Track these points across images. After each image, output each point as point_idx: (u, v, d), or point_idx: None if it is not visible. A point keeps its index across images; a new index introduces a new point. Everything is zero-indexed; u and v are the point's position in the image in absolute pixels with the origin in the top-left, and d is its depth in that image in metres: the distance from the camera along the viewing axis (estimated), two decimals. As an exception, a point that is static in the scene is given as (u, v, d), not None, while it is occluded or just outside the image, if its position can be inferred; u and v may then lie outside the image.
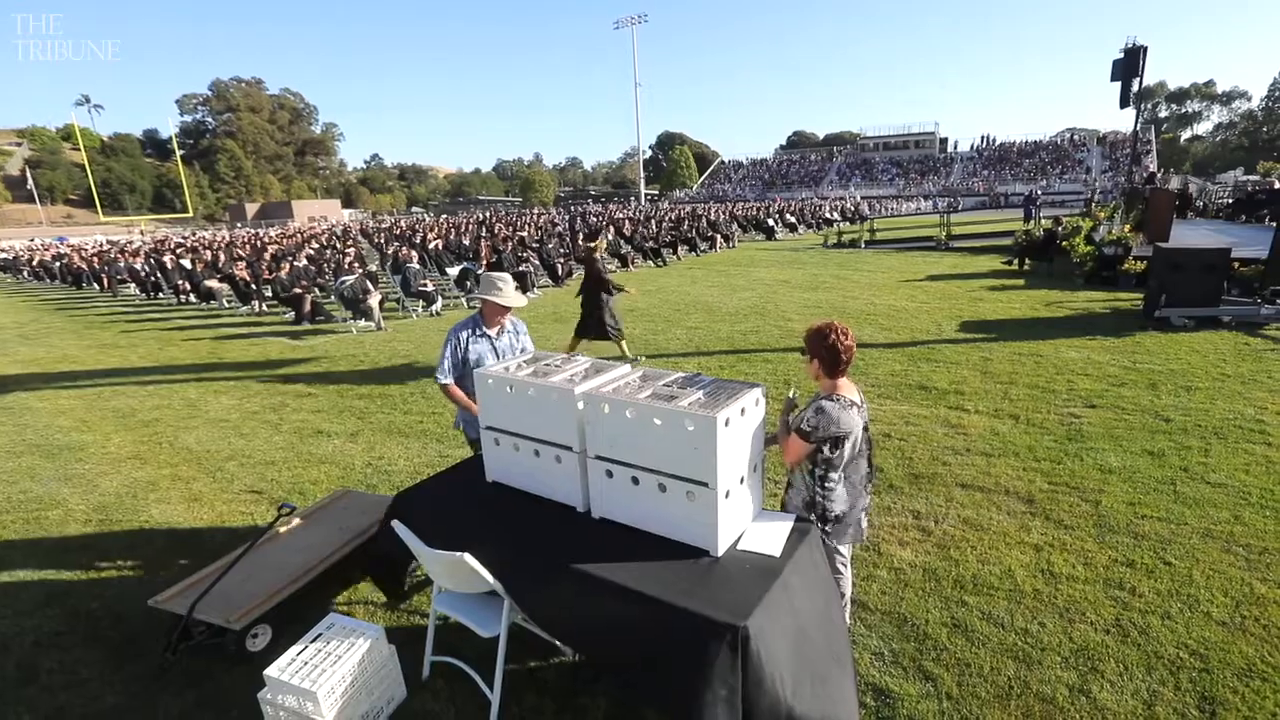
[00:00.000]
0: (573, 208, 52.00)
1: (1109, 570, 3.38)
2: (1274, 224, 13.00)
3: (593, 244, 8.57)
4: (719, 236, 23.06)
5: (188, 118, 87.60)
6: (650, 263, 18.66)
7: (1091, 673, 2.69)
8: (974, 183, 62.06)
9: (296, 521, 3.68)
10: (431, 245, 17.27)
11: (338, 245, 22.60)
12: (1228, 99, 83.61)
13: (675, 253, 20.23)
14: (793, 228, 29.80)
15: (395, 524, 2.71)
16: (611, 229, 20.93)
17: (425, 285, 12.37)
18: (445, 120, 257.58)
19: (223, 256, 18.25)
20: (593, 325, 7.82)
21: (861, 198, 50.12)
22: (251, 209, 74.64)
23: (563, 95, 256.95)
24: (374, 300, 10.96)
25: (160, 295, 16.54)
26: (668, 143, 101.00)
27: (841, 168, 77.43)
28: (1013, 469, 4.58)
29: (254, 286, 13.54)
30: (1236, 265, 9.52)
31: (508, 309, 3.50)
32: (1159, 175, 24.66)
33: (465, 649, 2.81)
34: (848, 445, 2.53)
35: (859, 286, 13.24)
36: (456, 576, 2.51)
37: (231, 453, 5.57)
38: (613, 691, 2.64)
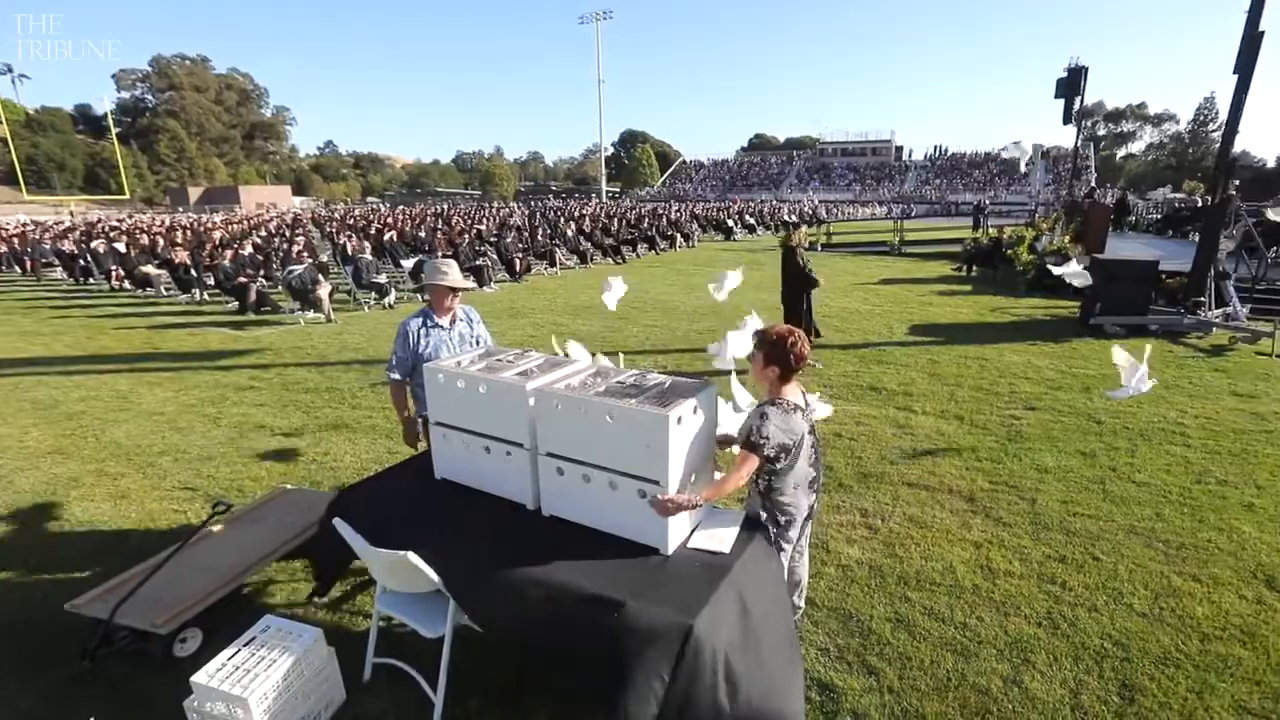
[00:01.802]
0: (532, 202, 51.44)
1: (1043, 566, 3.53)
2: (1196, 239, 13.81)
3: (792, 236, 7.83)
4: (679, 235, 23.17)
5: (125, 94, 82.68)
6: (610, 260, 18.61)
7: (1024, 664, 2.79)
8: (927, 191, 64.12)
9: (232, 520, 3.52)
10: (386, 237, 16.80)
11: (287, 233, 21.79)
12: (1158, 120, 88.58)
13: (635, 250, 20.25)
14: (751, 229, 30.18)
15: (337, 522, 2.62)
16: (571, 225, 20.78)
17: (378, 277, 12.04)
18: (404, 109, 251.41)
19: (161, 241, 17.35)
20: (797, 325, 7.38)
21: (820, 201, 51.11)
22: (195, 193, 70.99)
23: (525, 89, 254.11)
24: (323, 291, 10.60)
25: (90, 281, 15.62)
26: (630, 141, 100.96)
27: (801, 171, 78.90)
28: (956, 468, 4.73)
29: (195, 274, 12.92)
30: (1164, 277, 10.08)
31: (456, 293, 3.42)
32: (1097, 191, 25.95)
33: (409, 650, 2.74)
34: (795, 451, 2.47)
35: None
36: (400, 576, 2.44)
37: (165, 448, 5.30)
38: (559, 688, 2.61)
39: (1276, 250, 12.74)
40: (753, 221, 31.01)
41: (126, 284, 14.49)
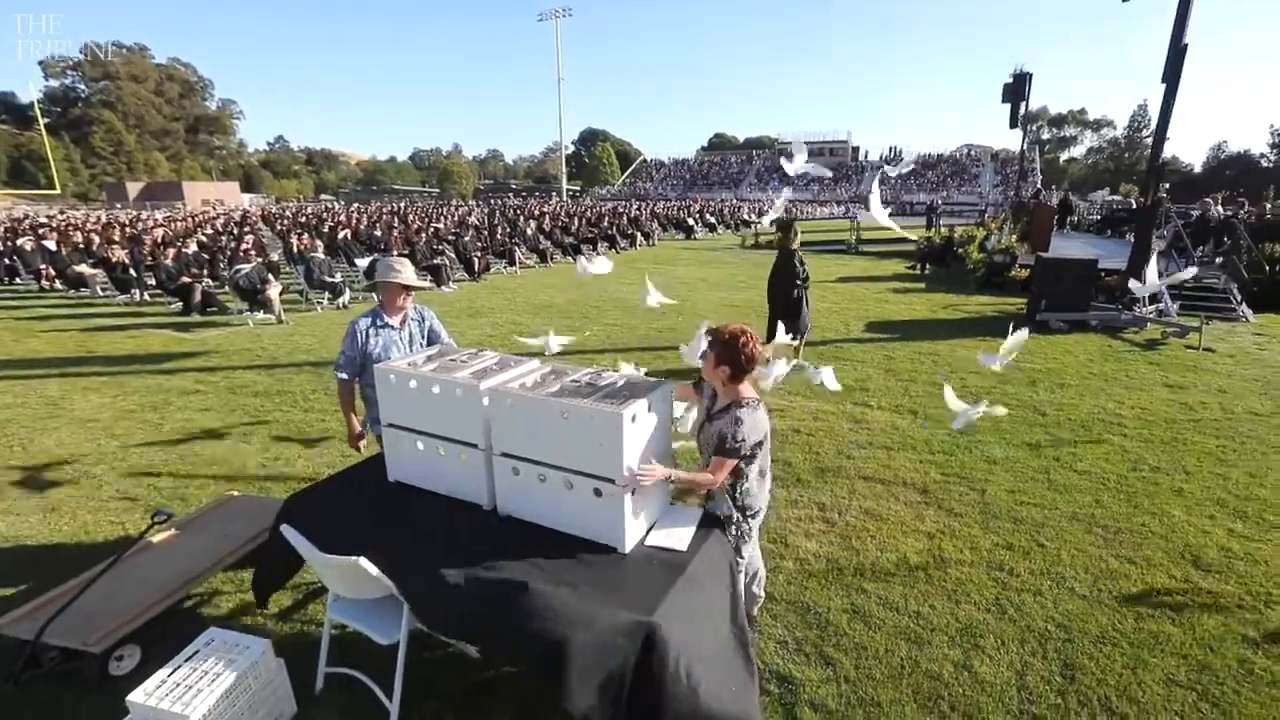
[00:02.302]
0: (492, 201, 50.80)
1: (991, 553, 3.65)
2: (1132, 239, 14.52)
3: (789, 238, 7.67)
4: (639, 234, 23.20)
5: (54, 82, 78.09)
6: (570, 259, 18.51)
7: (974, 649, 2.89)
8: (883, 191, 65.61)
9: (173, 530, 3.37)
10: (341, 235, 16.33)
11: (235, 231, 20.99)
12: (1097, 126, 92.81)
13: (595, 249, 20.20)
14: (712, 227, 30.43)
15: (285, 528, 2.53)
16: (531, 224, 20.59)
17: (332, 276, 11.70)
18: (358, 105, 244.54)
19: (97, 239, 16.50)
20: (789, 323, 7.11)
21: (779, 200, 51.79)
22: (134, 188, 67.49)
23: (484, 86, 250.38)
24: (273, 291, 10.25)
25: (17, 281, 14.75)
26: (590, 139, 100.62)
27: (760, 170, 79.85)
28: (910, 461, 4.86)
29: (134, 273, 12.33)
30: (1103, 275, 10.56)
31: (408, 293, 3.35)
32: (1043, 192, 26.99)
33: (363, 658, 2.66)
34: (764, 444, 2.53)
35: (774, 287, 13.66)
36: (351, 582, 2.37)
37: (100, 456, 5.04)
38: (518, 687, 2.58)
39: (1202, 250, 13.47)
40: (713, 220, 31.27)
41: (58, 284, 13.73)
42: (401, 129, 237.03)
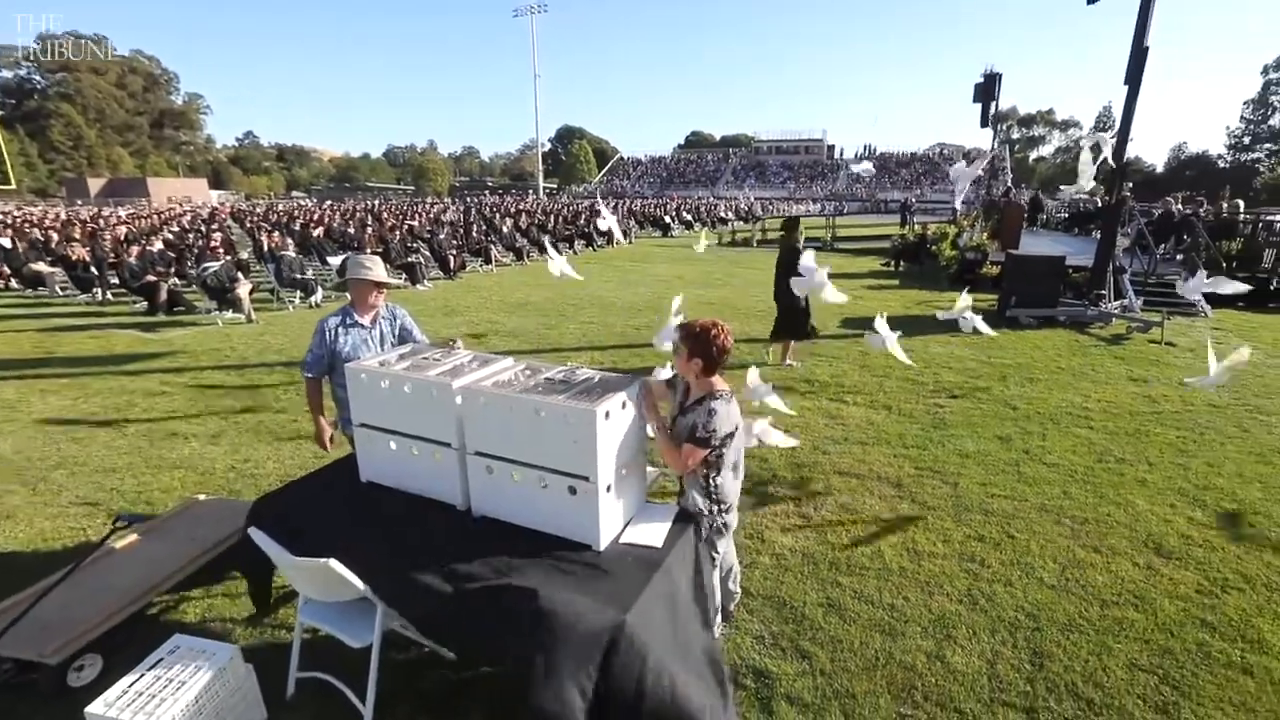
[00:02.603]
0: (468, 198, 50.30)
1: (963, 545, 3.71)
2: (1098, 236, 14.89)
3: (795, 235, 7.61)
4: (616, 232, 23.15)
5: (7, 73, 75.18)
6: (547, 256, 18.41)
7: (946, 639, 2.93)
8: (858, 189, 66.41)
9: (136, 536, 3.28)
10: (317, 233, 16.01)
11: (203, 229, 20.49)
12: (1065, 126, 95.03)
13: (572, 247, 20.12)
14: (689, 225, 30.51)
15: (253, 531, 2.48)
16: (508, 221, 20.43)
17: (304, 274, 11.47)
18: (330, 100, 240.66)
19: (55, 236, 15.97)
20: (797, 325, 7.18)
21: (755, 198, 52.16)
22: (96, 185, 65.24)
23: (460, 82, 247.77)
24: (243, 290, 10.02)
25: (-29, 280, 14.21)
26: (567, 137, 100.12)
27: (736, 168, 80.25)
28: (885, 456, 4.92)
29: (95, 271, 11.96)
30: (1070, 272, 10.80)
31: (380, 291, 3.30)
32: (1013, 191, 27.56)
33: (335, 661, 2.62)
34: (736, 435, 2.54)
35: (750, 284, 13.75)
36: (322, 584, 2.33)
37: (60, 460, 4.88)
38: (492, 687, 2.56)
39: (1164, 247, 13.86)
40: (689, 218, 31.35)
41: (14, 283, 13.27)
42: (376, 125, 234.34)
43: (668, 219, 29.18)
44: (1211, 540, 3.75)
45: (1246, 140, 78.94)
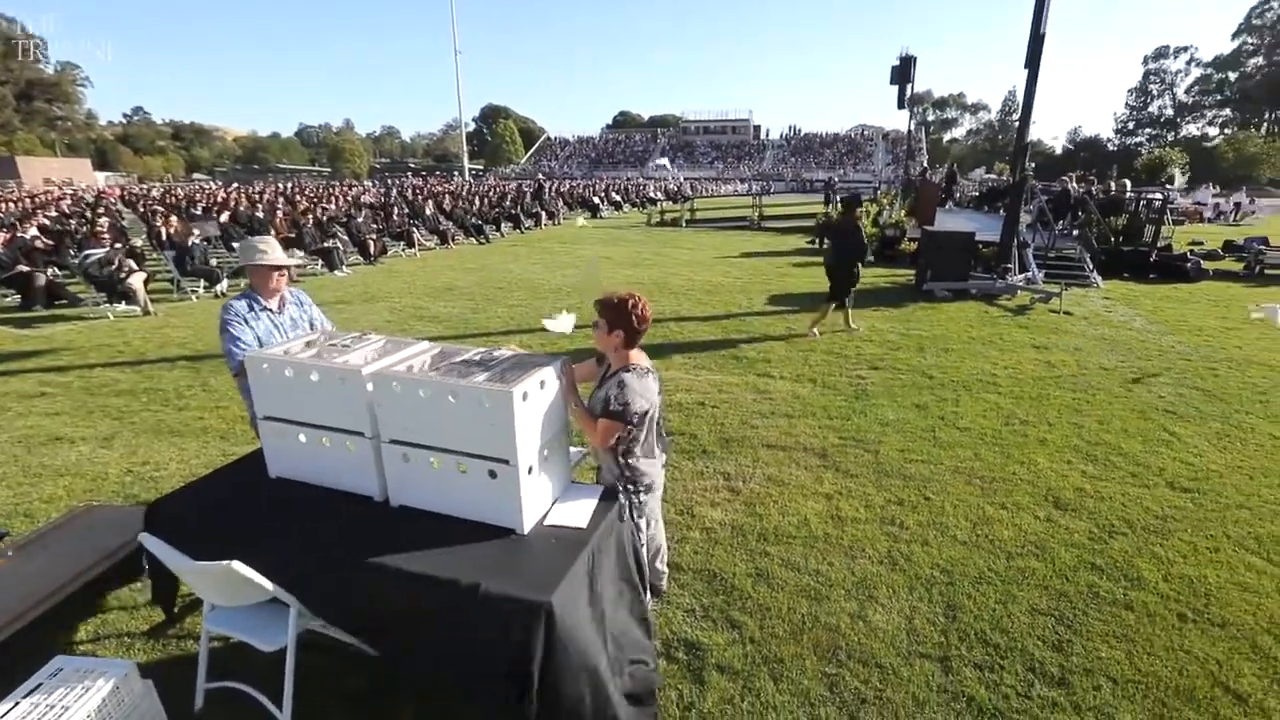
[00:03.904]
0: (389, 180, 48.17)
1: (884, 510, 3.88)
2: (1004, 213, 15.80)
3: (856, 211, 8.15)
4: (544, 213, 22.77)
5: None
6: (473, 240, 17.90)
7: (868, 600, 3.06)
8: (783, 169, 67.88)
9: (14, 550, 2.97)
10: (224, 217, 14.88)
11: (86, 214, 18.72)
12: (974, 109, 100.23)
13: (499, 230, 19.65)
14: (618, 205, 30.35)
15: (145, 537, 2.30)
16: (430, 203, 19.70)
17: (207, 263, 10.68)
18: (232, 76, 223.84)
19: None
20: (847, 290, 7.77)
21: (684, 179, 52.42)
22: (-51, 164, 58.45)
23: (378, 58, 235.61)
24: (136, 280, 9.23)
25: None
26: (492, 116, 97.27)
27: (665, 148, 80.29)
28: (810, 428, 5.07)
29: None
30: (980, 247, 11.43)
31: (281, 274, 3.08)
32: (929, 170, 28.82)
33: (248, 668, 2.47)
34: (652, 414, 2.51)
35: (679, 264, 13.85)
36: (227, 588, 2.18)
37: (-79, 472, 4.37)
38: (419, 683, 2.48)
39: (1061, 224, 14.86)
40: (619, 199, 31.18)
41: None
42: (285, 103, 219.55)
43: (596, 200, 28.89)
44: (1101, 491, 4.08)
45: (1130, 125, 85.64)
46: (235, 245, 12.50)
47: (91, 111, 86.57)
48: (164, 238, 11.22)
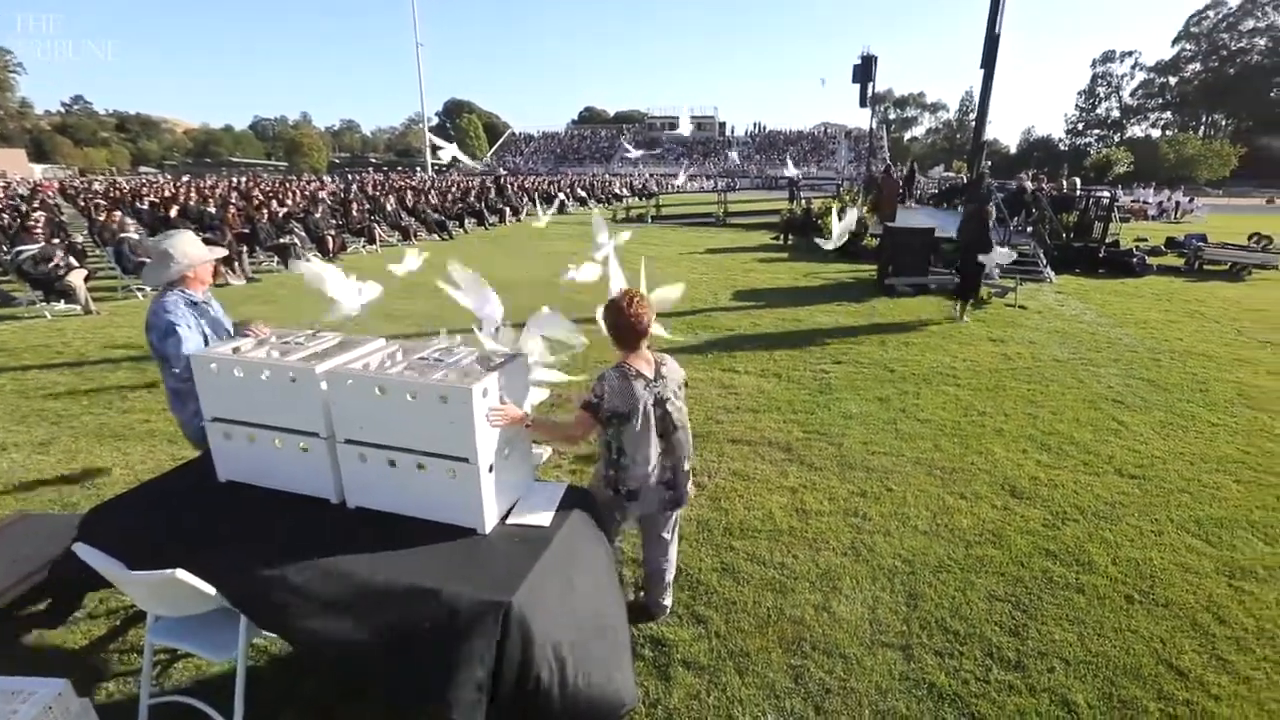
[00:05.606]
0: (349, 175, 47.01)
1: (847, 502, 3.93)
2: (962, 209, 16.20)
3: (987, 203, 8.43)
4: (508, 209, 22.51)
5: None
6: (436, 236, 17.58)
7: (832, 591, 3.09)
8: (748, 166, 68.41)
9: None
10: (173, 212, 14.26)
11: (20, 207, 17.76)
12: (934, 108, 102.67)
13: (463, 226, 19.35)
14: (583, 201, 30.19)
15: (79, 547, 2.17)
16: (391, 198, 19.28)
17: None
18: (181, 66, 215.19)
19: None
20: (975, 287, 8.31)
21: (650, 175, 52.41)
22: None
23: (335, 48, 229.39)
24: (76, 277, 8.80)
25: None
26: (455, 110, 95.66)
27: (631, 144, 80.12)
28: (775, 422, 5.11)
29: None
30: (940, 243, 11.68)
31: (210, 264, 2.96)
32: (891, 167, 29.36)
33: (197, 681, 2.37)
34: (631, 419, 2.38)
35: (652, 260, 13.82)
36: (170, 599, 2.08)
37: None
38: (382, 695, 2.41)
39: (1016, 220, 15.31)
40: (584, 194, 31.02)
41: None
42: (238, 95, 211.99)
43: (562, 196, 28.67)
44: (1055, 479, 4.21)
45: (1080, 126, 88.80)
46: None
47: (26, 100, 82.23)
48: (110, 233, 10.72)
